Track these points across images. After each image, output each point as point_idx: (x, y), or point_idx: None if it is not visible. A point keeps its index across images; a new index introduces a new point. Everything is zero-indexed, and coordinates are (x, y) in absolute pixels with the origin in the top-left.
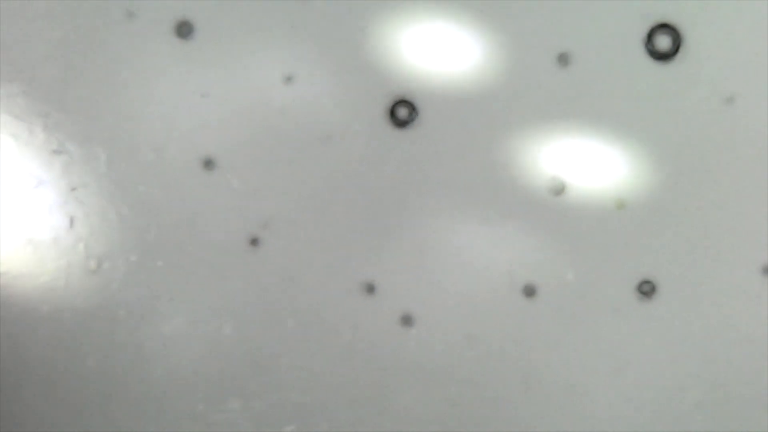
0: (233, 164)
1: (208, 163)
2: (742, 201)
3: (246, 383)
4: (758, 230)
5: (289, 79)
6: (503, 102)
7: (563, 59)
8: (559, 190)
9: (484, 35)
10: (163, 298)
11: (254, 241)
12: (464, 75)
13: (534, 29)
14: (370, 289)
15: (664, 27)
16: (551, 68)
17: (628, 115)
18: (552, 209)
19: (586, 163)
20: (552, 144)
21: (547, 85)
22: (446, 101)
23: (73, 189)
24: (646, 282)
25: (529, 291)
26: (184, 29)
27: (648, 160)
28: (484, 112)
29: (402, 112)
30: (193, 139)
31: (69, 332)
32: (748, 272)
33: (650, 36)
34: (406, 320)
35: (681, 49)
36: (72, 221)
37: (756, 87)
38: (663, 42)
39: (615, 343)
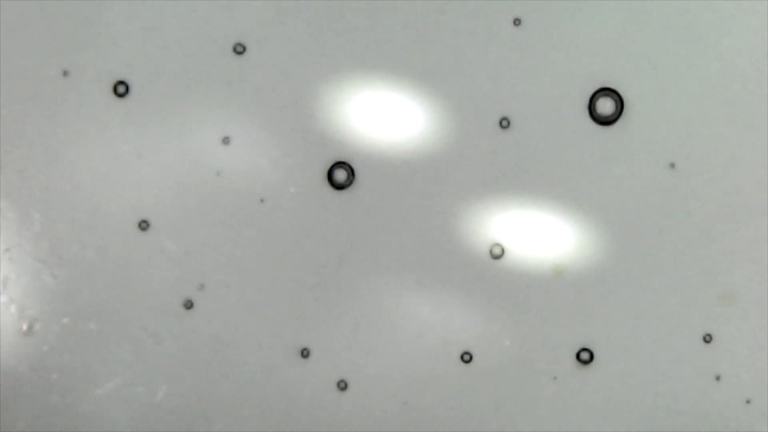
0: (168, 226)
1: (143, 225)
2: (683, 268)
3: None
4: (699, 297)
5: (226, 140)
6: (442, 165)
7: (505, 123)
8: (497, 254)
9: (425, 99)
10: (95, 361)
11: (188, 304)
12: (403, 138)
13: (476, 93)
14: (306, 353)
15: (607, 91)
16: (492, 133)
17: (569, 180)
18: (490, 274)
19: (525, 227)
20: (491, 208)
21: (488, 150)
22: (385, 164)
23: (7, 249)
24: (585, 349)
25: (466, 357)
26: (120, 88)
27: (588, 226)
28: (422, 175)
29: (340, 174)
30: (128, 200)
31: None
32: (688, 340)
33: (593, 100)
34: (342, 385)
35: (623, 114)
36: (5, 282)
37: (697, 151)
38: (606, 106)
39: (553, 410)
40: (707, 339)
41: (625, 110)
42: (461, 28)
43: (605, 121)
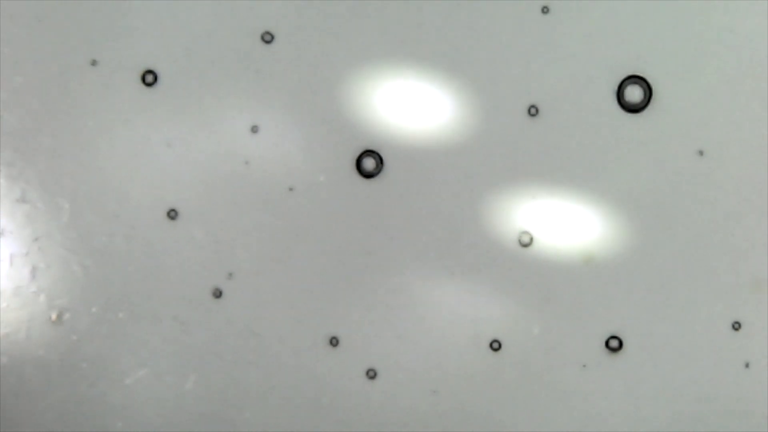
0: (197, 215)
1: (172, 214)
2: (712, 255)
3: None
4: (727, 285)
5: (254, 129)
6: (471, 153)
7: (533, 111)
8: (526, 243)
9: (454, 87)
10: (124, 351)
11: (217, 293)
12: (432, 127)
13: (504, 81)
14: (335, 342)
15: (636, 79)
16: (521, 121)
17: (597, 168)
18: (519, 263)
19: (554, 215)
20: (520, 196)
21: (517, 138)
22: (413, 153)
23: (36, 239)
24: (614, 337)
25: (495, 345)
26: (148, 78)
27: (617, 214)
28: (451, 163)
29: (369, 163)
30: (157, 190)
31: (29, 384)
32: (717, 328)
33: (621, 87)
34: (371, 374)
35: (652, 102)
36: (34, 271)
37: (726, 139)
38: (634, 94)
39: (582, 398)
40: (736, 326)
41: (653, 98)
42: (490, 16)
43: (634, 109)
